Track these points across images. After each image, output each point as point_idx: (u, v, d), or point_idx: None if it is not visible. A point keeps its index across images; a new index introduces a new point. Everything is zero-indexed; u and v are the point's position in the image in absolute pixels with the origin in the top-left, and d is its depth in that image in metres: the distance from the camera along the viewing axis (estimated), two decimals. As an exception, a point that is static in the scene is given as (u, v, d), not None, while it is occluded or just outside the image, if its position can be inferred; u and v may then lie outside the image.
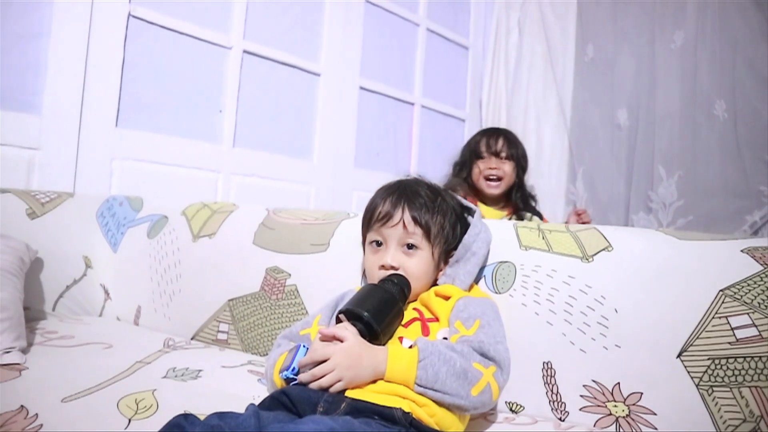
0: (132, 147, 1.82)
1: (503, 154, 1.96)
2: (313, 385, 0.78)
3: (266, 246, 1.28)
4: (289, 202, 2.31)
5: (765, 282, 0.87)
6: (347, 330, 0.81)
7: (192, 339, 1.30)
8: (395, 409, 0.73)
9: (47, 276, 1.36)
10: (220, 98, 2.08)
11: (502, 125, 3.05)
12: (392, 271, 0.94)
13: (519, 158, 1.99)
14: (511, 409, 0.98)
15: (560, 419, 0.95)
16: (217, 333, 1.28)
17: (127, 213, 1.51)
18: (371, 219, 0.99)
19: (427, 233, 0.95)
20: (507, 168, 1.96)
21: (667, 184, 2.54)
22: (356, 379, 0.77)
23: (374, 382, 0.79)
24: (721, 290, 0.88)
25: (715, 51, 2.47)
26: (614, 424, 0.91)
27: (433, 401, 0.78)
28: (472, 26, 3.18)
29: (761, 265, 0.88)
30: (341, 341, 0.79)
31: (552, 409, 0.95)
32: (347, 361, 0.77)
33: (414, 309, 0.95)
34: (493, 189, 1.97)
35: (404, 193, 0.98)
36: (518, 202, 2.01)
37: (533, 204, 2.04)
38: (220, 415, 0.65)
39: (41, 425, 0.80)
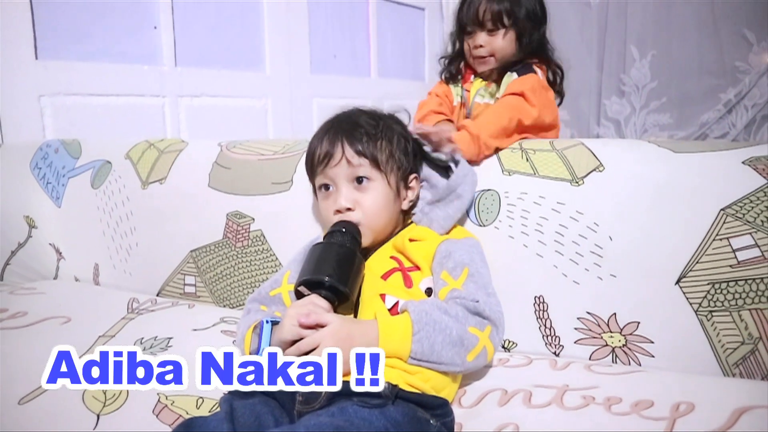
0: (60, 80, 1.61)
1: (489, 25, 1.35)
2: None
3: (223, 188, 1.17)
4: (246, 120, 2.16)
5: (768, 197, 0.80)
6: (323, 309, 0.73)
7: (158, 295, 1.21)
8: None
9: (-12, 241, 1.24)
10: (152, 13, 1.84)
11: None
12: (347, 214, 0.85)
13: (516, 22, 1.35)
14: (504, 347, 0.94)
15: (555, 353, 0.91)
16: (184, 286, 1.19)
17: (65, 161, 1.36)
18: (313, 163, 0.89)
19: (375, 162, 0.86)
20: (498, 43, 1.35)
21: (640, 65, 2.43)
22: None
23: None
24: (722, 209, 0.82)
25: None
26: (611, 355, 0.88)
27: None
28: None
29: (764, 177, 0.82)
30: (323, 326, 0.71)
31: (546, 344, 0.92)
32: (339, 345, 0.69)
33: (391, 258, 0.87)
34: (485, 66, 1.39)
35: (341, 127, 0.88)
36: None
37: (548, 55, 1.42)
38: (187, 425, 0.58)
39: (-2, 435, 0.72)
